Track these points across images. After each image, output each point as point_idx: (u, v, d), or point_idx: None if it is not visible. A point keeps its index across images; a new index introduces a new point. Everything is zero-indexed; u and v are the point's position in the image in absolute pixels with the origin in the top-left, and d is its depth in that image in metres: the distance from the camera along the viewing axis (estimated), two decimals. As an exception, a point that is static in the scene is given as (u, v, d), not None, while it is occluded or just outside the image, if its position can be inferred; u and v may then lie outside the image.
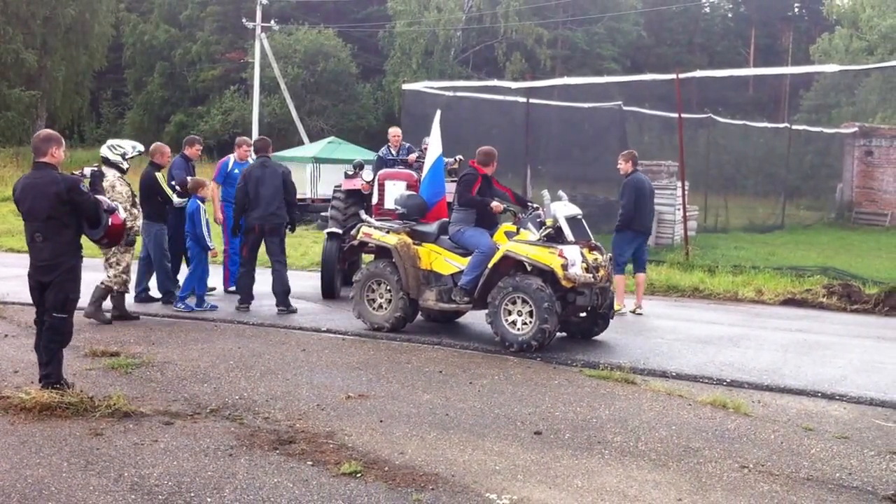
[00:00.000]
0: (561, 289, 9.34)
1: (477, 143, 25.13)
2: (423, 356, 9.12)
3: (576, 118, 23.57)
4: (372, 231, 10.60)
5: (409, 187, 12.66)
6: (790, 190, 32.30)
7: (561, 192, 10.37)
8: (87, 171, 11.99)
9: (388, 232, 10.43)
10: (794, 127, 34.31)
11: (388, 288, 10.26)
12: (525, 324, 9.29)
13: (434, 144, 11.33)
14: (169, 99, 59.88)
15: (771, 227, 28.11)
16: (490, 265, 9.62)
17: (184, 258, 12.08)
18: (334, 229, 12.89)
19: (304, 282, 14.27)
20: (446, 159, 14.99)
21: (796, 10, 72.26)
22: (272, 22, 46.83)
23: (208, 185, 11.88)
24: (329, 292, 12.55)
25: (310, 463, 5.73)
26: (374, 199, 12.80)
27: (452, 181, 14.09)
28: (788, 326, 11.67)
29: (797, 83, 51.55)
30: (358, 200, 13.29)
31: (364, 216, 11.33)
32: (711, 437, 6.60)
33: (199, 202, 11.50)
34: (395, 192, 12.68)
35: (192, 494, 5.18)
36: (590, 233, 10.09)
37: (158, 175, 11.60)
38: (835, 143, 34.49)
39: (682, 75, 18.11)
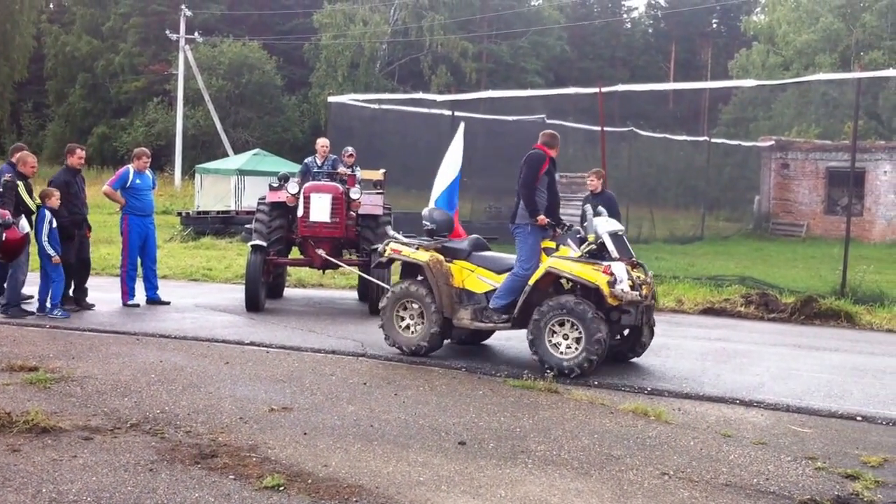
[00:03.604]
0: (605, 307, 8.95)
1: (403, 155, 25.23)
2: (347, 368, 9.09)
3: (500, 131, 23.80)
4: (401, 248, 10.03)
5: (334, 199, 12.62)
6: (710, 202, 32.99)
7: (601, 208, 10.15)
8: None
9: (417, 248, 9.94)
10: (713, 140, 35.13)
11: (419, 308, 9.71)
12: (569, 348, 8.90)
13: (454, 159, 10.84)
14: (91, 111, 59.03)
15: (691, 238, 28.66)
16: (531, 282, 9.25)
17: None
18: (258, 242, 12.77)
19: (228, 294, 14.14)
20: (365, 172, 14.99)
21: (715, 25, 74.01)
22: (196, 34, 46.47)
23: (55, 195, 11.66)
24: (253, 305, 12.41)
25: (232, 477, 5.67)
26: (300, 212, 12.72)
27: (379, 193, 14.14)
28: (708, 335, 11.90)
29: (716, 97, 52.85)
30: (283, 213, 13.21)
31: (391, 232, 10.66)
32: (633, 445, 6.69)
33: (46, 211, 11.42)
34: (320, 204, 12.63)
35: (111, 511, 5.09)
36: (631, 249, 9.66)
37: (20, 185, 11.37)
38: (752, 156, 35.36)
39: (604, 89, 18.38)
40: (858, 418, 7.77)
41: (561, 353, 8.93)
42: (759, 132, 40.41)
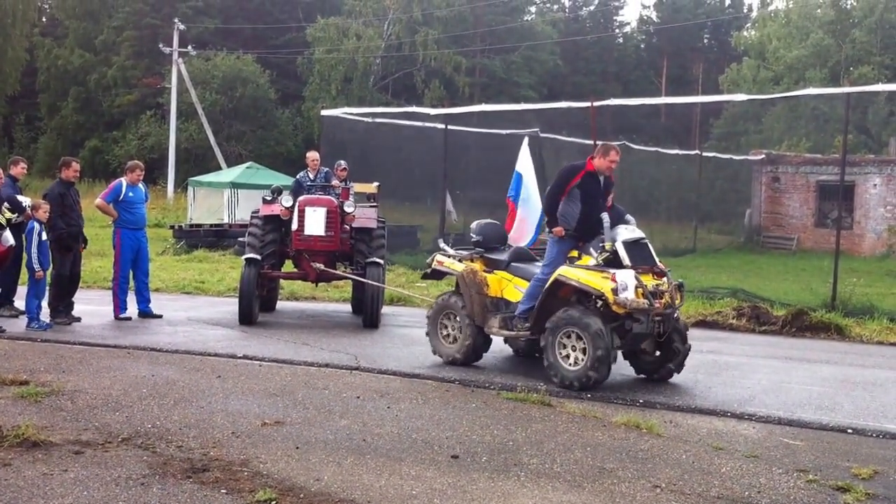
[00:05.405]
0: (616, 316, 8.91)
1: (396, 168, 25.19)
2: (340, 381, 9.08)
3: (493, 144, 23.86)
4: (444, 259, 10.53)
5: (329, 213, 12.64)
6: (701, 215, 33.06)
7: (629, 217, 10.18)
8: None
9: (461, 260, 10.33)
10: (704, 154, 35.23)
11: (459, 319, 10.05)
12: (577, 360, 8.93)
13: (531, 178, 10.99)
14: (83, 124, 59.00)
15: (683, 250, 28.69)
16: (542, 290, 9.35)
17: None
18: (252, 255, 12.78)
19: (221, 307, 14.13)
20: (362, 186, 15.03)
21: (706, 41, 74.31)
22: (189, 47, 46.52)
23: (44, 207, 11.66)
24: (246, 318, 12.39)
25: (224, 491, 5.66)
26: (294, 226, 12.73)
27: (373, 206, 14.17)
28: (699, 348, 11.85)
29: (707, 111, 52.99)
30: (276, 226, 13.21)
31: (442, 244, 11.06)
32: (625, 458, 6.70)
33: (35, 224, 11.47)
34: (314, 218, 12.64)
35: (103, 524, 5.08)
36: (656, 257, 9.50)
37: None
38: (743, 169, 35.49)
39: (596, 103, 18.45)
40: (849, 431, 7.80)
41: (568, 363, 8.97)
42: (749, 146, 40.55)
